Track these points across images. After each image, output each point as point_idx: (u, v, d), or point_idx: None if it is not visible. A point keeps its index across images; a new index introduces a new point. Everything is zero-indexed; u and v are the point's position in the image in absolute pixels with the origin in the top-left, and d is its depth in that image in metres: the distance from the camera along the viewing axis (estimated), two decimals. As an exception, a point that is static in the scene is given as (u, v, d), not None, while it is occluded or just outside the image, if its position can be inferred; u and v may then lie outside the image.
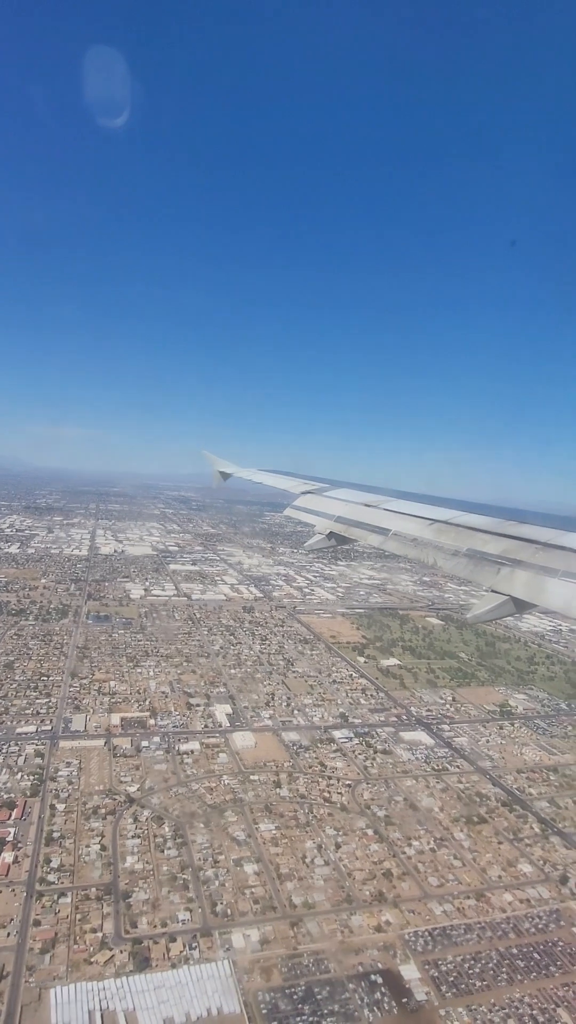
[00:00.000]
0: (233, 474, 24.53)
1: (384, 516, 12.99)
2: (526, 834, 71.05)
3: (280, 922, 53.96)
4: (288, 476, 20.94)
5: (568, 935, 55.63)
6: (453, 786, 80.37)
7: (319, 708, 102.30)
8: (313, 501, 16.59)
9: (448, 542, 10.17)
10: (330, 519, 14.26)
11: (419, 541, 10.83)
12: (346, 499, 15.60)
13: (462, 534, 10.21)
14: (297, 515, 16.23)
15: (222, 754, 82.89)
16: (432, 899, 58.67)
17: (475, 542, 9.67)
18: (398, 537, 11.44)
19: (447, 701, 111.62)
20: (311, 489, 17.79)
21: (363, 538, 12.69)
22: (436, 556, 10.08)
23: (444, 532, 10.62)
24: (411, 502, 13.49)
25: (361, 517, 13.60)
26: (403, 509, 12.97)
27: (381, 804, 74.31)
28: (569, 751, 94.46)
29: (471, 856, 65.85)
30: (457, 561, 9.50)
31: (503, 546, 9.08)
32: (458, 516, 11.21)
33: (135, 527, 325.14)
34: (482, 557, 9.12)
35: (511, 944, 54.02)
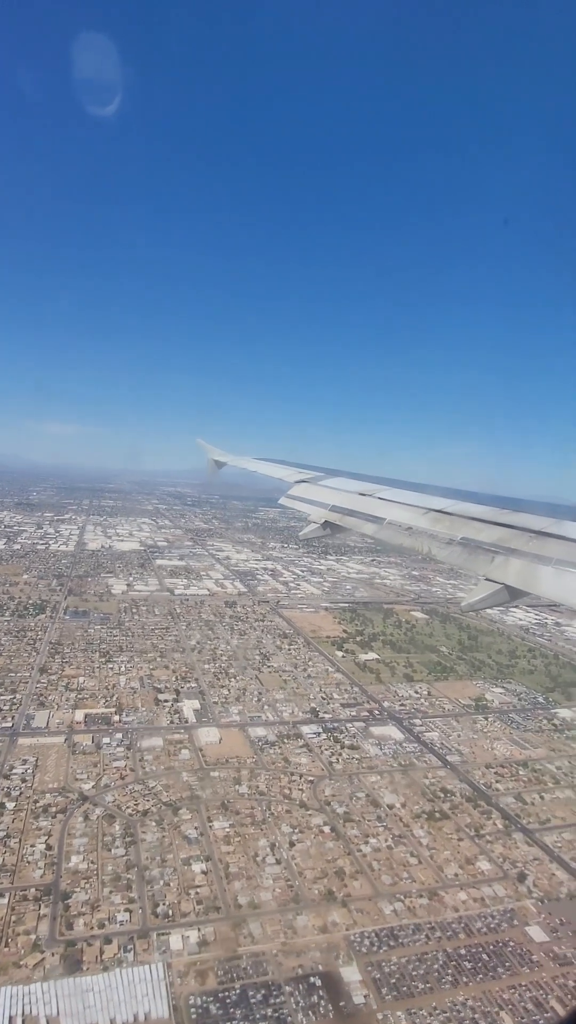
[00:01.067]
0: (228, 463, 24.28)
1: (379, 505, 12.86)
2: (488, 831, 69.55)
3: (222, 923, 52.48)
4: (283, 465, 20.65)
5: (520, 935, 54.13)
6: (418, 781, 78.85)
7: (290, 703, 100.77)
8: (308, 490, 16.47)
9: (442, 531, 10.09)
10: (325, 508, 14.19)
11: (414, 530, 10.72)
12: (341, 488, 15.49)
13: (456, 523, 10.15)
14: (292, 504, 16.08)
15: (184, 750, 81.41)
16: (383, 898, 57.18)
17: (469, 531, 9.61)
18: (392, 526, 11.33)
19: (422, 695, 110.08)
20: (306, 478, 17.62)
21: (358, 527, 12.63)
22: (430, 545, 9.98)
23: (438, 521, 10.54)
24: (406, 491, 13.34)
25: (356, 506, 13.52)
26: (398, 498, 12.85)
27: (342, 801, 72.81)
28: (542, 745, 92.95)
29: (428, 854, 64.36)
30: (451, 550, 9.47)
31: (497, 535, 9.03)
32: (452, 505, 11.11)
33: (126, 523, 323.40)
34: (476, 546, 9.08)
35: (460, 945, 52.53)
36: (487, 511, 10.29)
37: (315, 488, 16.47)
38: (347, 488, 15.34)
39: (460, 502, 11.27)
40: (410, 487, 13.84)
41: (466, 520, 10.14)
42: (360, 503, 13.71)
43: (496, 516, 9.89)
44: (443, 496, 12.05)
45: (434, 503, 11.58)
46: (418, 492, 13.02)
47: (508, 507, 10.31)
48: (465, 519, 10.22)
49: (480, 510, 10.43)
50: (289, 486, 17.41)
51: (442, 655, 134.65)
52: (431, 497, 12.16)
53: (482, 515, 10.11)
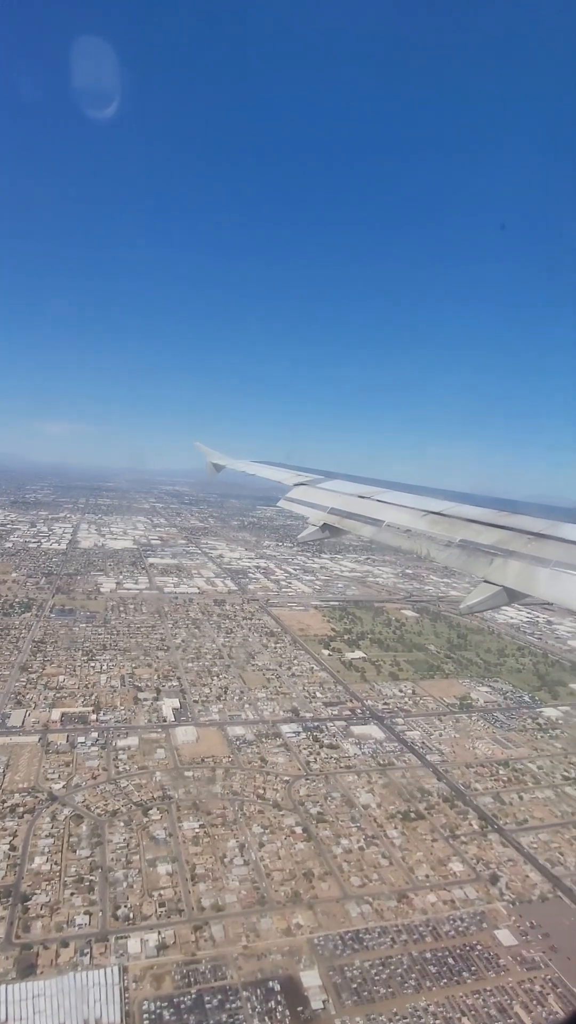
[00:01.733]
0: (226, 466, 24.27)
1: (377, 507, 12.85)
2: (464, 831, 68.49)
3: (184, 926, 51.51)
4: (281, 467, 20.66)
5: (488, 939, 53.08)
6: (396, 781, 77.82)
7: (272, 702, 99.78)
8: (306, 492, 16.47)
9: (441, 533, 10.09)
10: (323, 510, 14.20)
11: (412, 532, 10.74)
12: (340, 490, 15.51)
13: (455, 525, 10.14)
14: (290, 507, 16.08)
15: (160, 749, 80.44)
16: (351, 900, 56.17)
17: (468, 533, 9.60)
18: (391, 528, 11.32)
19: (406, 694, 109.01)
20: (304, 480, 17.62)
21: (356, 529, 12.58)
22: (429, 547, 9.98)
23: (437, 523, 10.53)
24: (405, 493, 13.36)
25: (354, 508, 13.53)
26: (396, 500, 12.84)
27: (316, 801, 71.80)
28: (524, 745, 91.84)
29: (401, 855, 63.33)
30: (450, 552, 9.45)
31: (496, 537, 9.01)
32: (451, 507, 11.12)
33: (121, 521, 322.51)
34: (475, 548, 9.07)
35: (426, 948, 51.50)
36: (485, 513, 10.28)
37: (313, 491, 16.43)
38: (345, 491, 15.35)
39: (458, 504, 11.27)
40: (408, 489, 13.82)
41: (464, 522, 10.13)
42: (359, 505, 13.70)
43: (494, 518, 9.84)
44: (441, 498, 12.08)
45: (432, 505, 11.57)
46: (416, 494, 13.02)
47: (506, 509, 10.31)
48: (463, 521, 10.21)
49: (478, 512, 10.43)
50: (288, 488, 17.45)
51: (430, 654, 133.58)
52: (429, 499, 12.17)
53: (480, 517, 10.11)
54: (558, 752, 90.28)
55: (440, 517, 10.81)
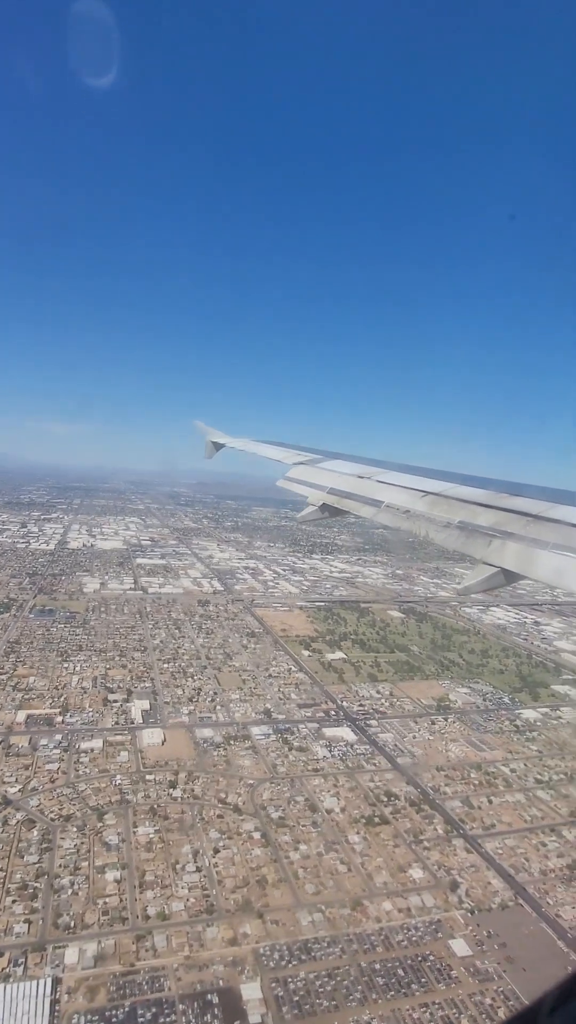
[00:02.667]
0: (226, 444, 23.86)
1: (377, 488, 12.74)
2: (428, 836, 66.80)
3: (126, 935, 49.92)
4: (281, 447, 20.11)
5: (442, 949, 51.38)
6: (363, 785, 76.14)
7: (245, 703, 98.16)
8: (306, 472, 16.09)
9: (440, 514, 9.98)
10: (323, 491, 13.96)
11: (411, 513, 10.60)
12: (339, 471, 15.23)
13: (454, 506, 10.05)
14: (289, 487, 15.74)
15: (124, 752, 78.83)
16: (303, 908, 54.53)
17: (467, 514, 9.53)
18: (391, 509, 11.24)
19: (384, 696, 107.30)
20: (304, 460, 17.31)
21: (356, 510, 12.42)
22: (428, 528, 9.87)
23: (436, 504, 10.47)
24: (404, 474, 13.15)
25: (354, 489, 13.31)
26: (396, 481, 12.71)
27: (279, 805, 70.15)
28: (499, 747, 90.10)
29: (360, 861, 61.66)
30: (448, 533, 9.36)
31: (494, 518, 8.95)
32: (451, 488, 11.00)
33: (114, 522, 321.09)
34: (473, 529, 9.00)
35: (376, 959, 49.83)
36: (485, 495, 10.10)
37: (313, 470, 16.10)
38: (346, 471, 15.05)
39: (458, 485, 11.10)
40: (409, 470, 13.62)
41: (463, 503, 10.00)
42: (359, 486, 13.45)
43: (493, 500, 9.71)
44: (441, 479, 11.89)
45: (432, 486, 11.44)
46: (417, 475, 12.81)
47: (506, 491, 10.12)
48: (462, 502, 10.06)
49: (478, 493, 10.27)
50: (287, 468, 17.07)
51: (412, 654, 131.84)
52: (429, 480, 12.02)
53: (480, 499, 9.95)
54: (533, 755, 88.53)
55: (439, 498, 10.69)
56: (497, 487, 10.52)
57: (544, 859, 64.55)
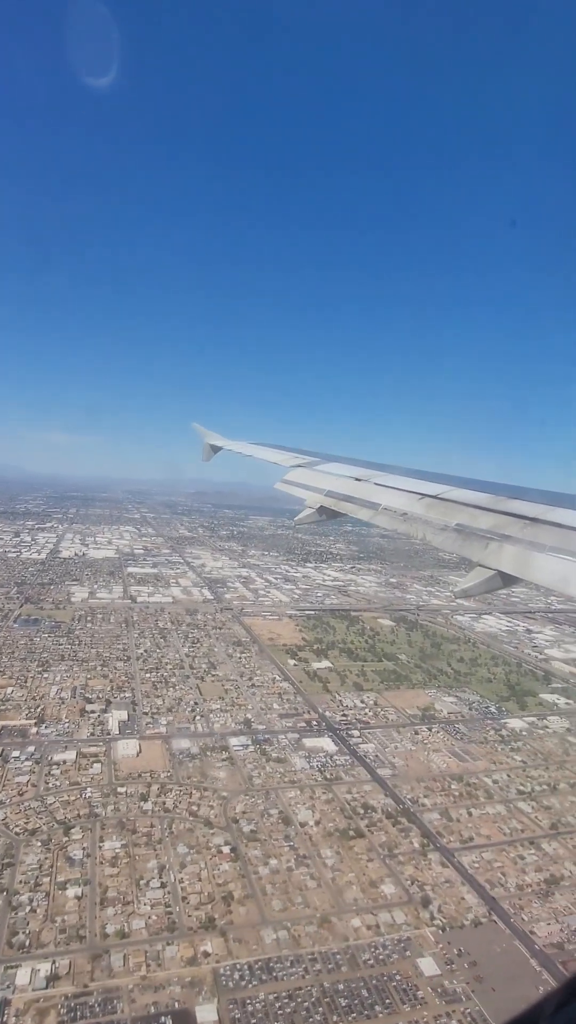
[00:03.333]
0: (223, 447, 23.89)
1: (374, 490, 12.73)
2: (403, 850, 65.12)
3: (82, 954, 48.31)
4: (279, 449, 20.12)
5: (409, 968, 49.70)
6: (340, 797, 74.52)
7: (225, 714, 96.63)
8: (304, 475, 16.14)
9: (437, 517, 9.98)
10: (320, 493, 13.95)
11: (409, 516, 10.60)
12: (337, 473, 15.24)
13: (451, 509, 10.07)
14: (287, 489, 15.69)
15: (97, 764, 77.32)
16: (268, 926, 52.89)
17: (464, 517, 9.53)
18: (388, 512, 11.22)
19: (368, 705, 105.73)
20: (302, 463, 17.33)
21: (353, 512, 12.40)
22: (425, 531, 9.88)
23: (433, 507, 10.49)
24: (402, 476, 13.23)
25: (352, 491, 13.36)
26: (394, 483, 12.75)
27: (252, 818, 68.55)
28: (482, 757, 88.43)
29: (331, 876, 60.01)
30: (446, 536, 9.37)
31: (492, 521, 8.99)
32: (448, 491, 11.00)
33: (108, 531, 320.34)
34: (471, 532, 9.01)
35: (340, 979, 48.14)
36: (482, 498, 10.13)
37: (311, 473, 16.11)
38: (343, 473, 15.07)
39: (455, 488, 11.10)
40: (406, 473, 13.65)
41: (460, 506, 10.03)
42: (356, 488, 13.52)
43: (491, 503, 9.73)
44: (439, 482, 11.88)
45: (429, 489, 11.43)
46: (414, 478, 12.82)
47: (503, 494, 10.12)
48: (460, 505, 10.08)
49: (475, 496, 10.31)
50: (285, 471, 16.97)
51: (399, 663, 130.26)
52: (427, 483, 12.01)
53: (477, 501, 9.99)
54: (517, 765, 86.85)
55: (436, 501, 10.68)
56: (495, 490, 10.54)
57: (521, 873, 62.86)
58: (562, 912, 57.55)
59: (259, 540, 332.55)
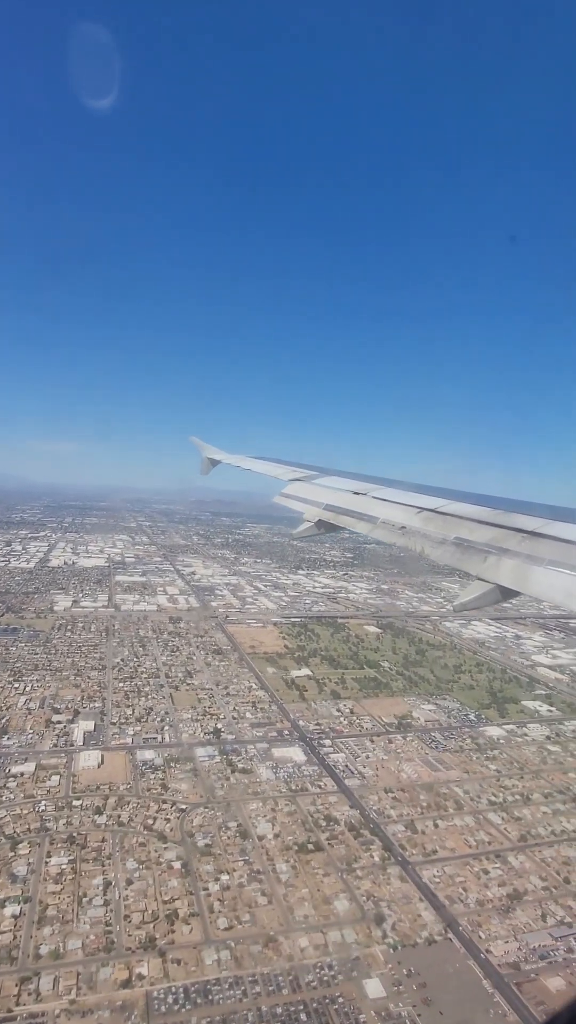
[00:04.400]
0: (222, 460, 24.18)
1: (373, 504, 12.76)
2: (362, 864, 62.89)
3: (11, 977, 46.31)
4: (277, 463, 20.24)
5: (354, 990, 47.46)
6: (304, 808, 72.33)
7: (195, 723, 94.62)
8: (302, 488, 16.20)
9: (435, 530, 10.01)
10: (319, 507, 13.96)
11: (407, 529, 10.62)
12: (335, 487, 15.30)
13: (449, 522, 10.09)
14: (285, 503, 15.72)
15: (55, 776, 75.41)
16: (210, 945, 50.77)
17: (462, 530, 9.55)
18: (386, 525, 11.21)
19: (344, 713, 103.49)
20: (300, 476, 17.39)
21: (352, 526, 12.42)
22: (423, 544, 9.87)
23: (431, 520, 10.50)
24: (400, 490, 13.20)
25: (350, 505, 13.40)
26: (392, 497, 12.72)
27: (208, 832, 66.47)
28: (456, 767, 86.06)
29: (284, 892, 57.84)
30: (444, 549, 9.37)
31: (490, 535, 8.98)
32: (446, 505, 11.00)
33: (102, 540, 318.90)
34: (469, 545, 9.03)
35: (280, 1002, 45.97)
36: (480, 511, 10.12)
37: (309, 487, 16.17)
38: (341, 487, 15.10)
39: (453, 502, 11.09)
40: (404, 486, 13.61)
41: (458, 520, 10.03)
42: (354, 502, 13.51)
43: (489, 516, 9.72)
44: (437, 496, 11.87)
45: (427, 502, 11.44)
46: (412, 492, 12.82)
47: (501, 507, 10.11)
48: (458, 519, 10.09)
49: (473, 510, 10.29)
50: (283, 485, 17.01)
51: (381, 671, 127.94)
52: (425, 496, 12.03)
53: (475, 515, 9.98)
54: (491, 775, 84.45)
55: (434, 514, 10.66)
56: (493, 504, 10.43)
57: (483, 888, 60.53)
58: (522, 929, 55.20)
59: (253, 548, 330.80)
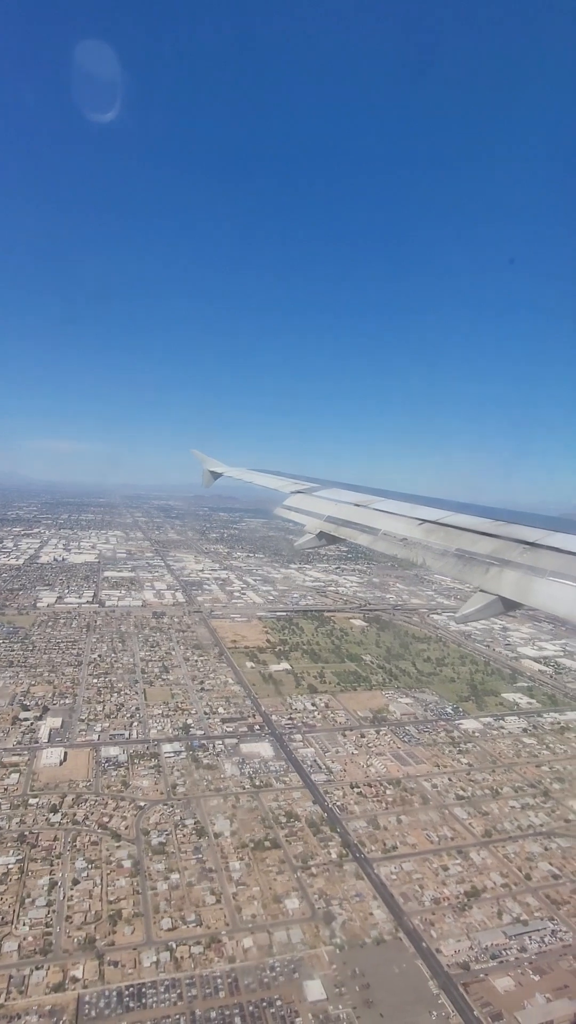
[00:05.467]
0: (223, 473, 24.45)
1: (374, 516, 12.77)
2: (319, 861, 61.47)
3: None
4: (278, 476, 20.48)
5: (293, 992, 46.07)
6: (265, 805, 70.98)
7: (166, 719, 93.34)
8: (303, 501, 16.25)
9: (437, 542, 10.03)
10: (320, 519, 14.04)
11: (408, 541, 10.64)
12: (336, 499, 15.30)
13: (451, 534, 10.10)
14: (287, 515, 15.84)
15: (15, 774, 74.24)
16: (151, 947, 49.47)
17: (464, 542, 9.55)
18: (388, 537, 11.23)
19: (318, 708, 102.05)
20: (301, 489, 17.47)
21: (353, 538, 12.44)
22: (425, 556, 9.91)
23: (433, 532, 10.49)
24: (401, 502, 13.11)
25: (351, 517, 13.39)
26: (393, 509, 12.68)
27: (165, 829, 65.18)
28: (426, 761, 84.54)
29: (234, 891, 56.49)
30: (446, 561, 9.39)
31: (491, 546, 8.96)
32: (447, 516, 10.96)
33: (95, 536, 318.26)
34: (471, 557, 9.05)
35: (215, 1005, 44.62)
36: (481, 522, 10.01)
37: (310, 499, 16.24)
38: (342, 499, 15.14)
39: (454, 513, 11.04)
40: (405, 498, 13.56)
41: (459, 531, 9.98)
42: (355, 514, 13.53)
43: (490, 527, 9.62)
44: (438, 507, 11.81)
45: (428, 514, 11.38)
46: (412, 503, 12.74)
47: (502, 518, 10.03)
48: (459, 530, 10.04)
49: (474, 521, 10.20)
50: (284, 497, 17.18)
51: (362, 664, 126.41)
52: (426, 508, 11.95)
53: (476, 526, 9.87)
54: (461, 768, 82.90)
55: (435, 526, 10.65)
56: (494, 515, 10.34)
57: (441, 885, 59.05)
58: (476, 927, 53.72)
59: (248, 542, 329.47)
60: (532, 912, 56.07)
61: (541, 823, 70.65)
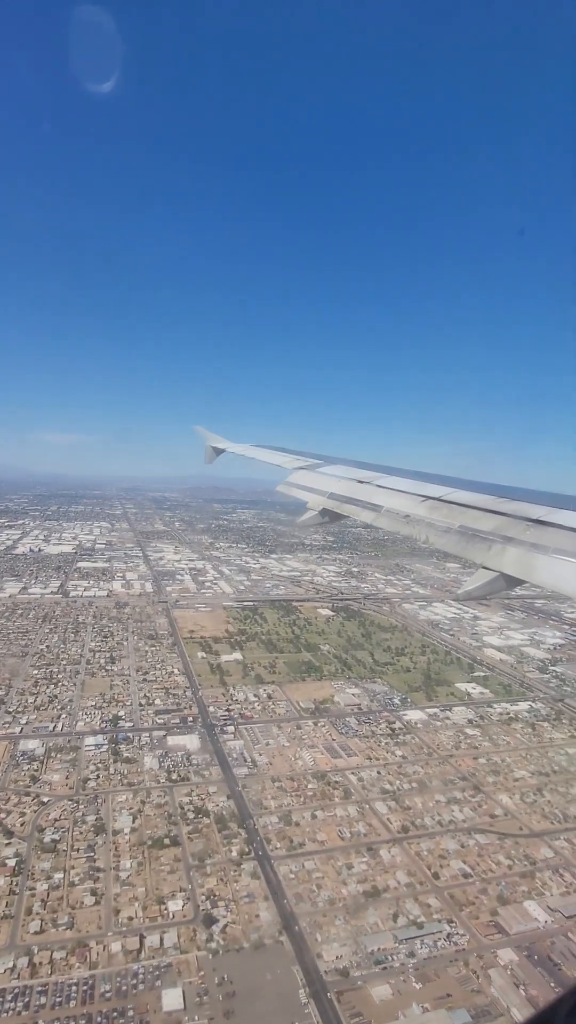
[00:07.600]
0: (226, 449, 24.07)
1: (377, 492, 12.66)
2: (217, 860, 58.41)
3: None
4: (281, 452, 20.05)
5: (151, 1001, 43.05)
6: (176, 800, 67.98)
7: (97, 711, 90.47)
8: (306, 477, 15.94)
9: (440, 519, 9.97)
10: (323, 495, 13.86)
11: (411, 518, 10.59)
12: (339, 475, 15.14)
13: (454, 511, 10.04)
14: (289, 491, 15.46)
15: None
16: (11, 952, 46.57)
17: (466, 519, 9.46)
18: (390, 514, 11.18)
19: (260, 699, 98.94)
20: (304, 465, 17.19)
21: (356, 515, 12.33)
22: (428, 532, 9.80)
23: (436, 509, 10.44)
24: (404, 478, 13.09)
25: (354, 493, 13.31)
26: (396, 486, 12.63)
27: (62, 826, 62.30)
28: (360, 753, 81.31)
29: (117, 891, 53.54)
30: (448, 538, 9.28)
31: (494, 523, 8.87)
32: (450, 493, 10.94)
33: (79, 527, 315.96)
34: (473, 534, 8.93)
35: (62, 1015, 41.67)
36: (484, 499, 9.96)
37: (313, 475, 15.98)
38: (345, 475, 14.90)
39: (458, 490, 10.96)
40: (408, 475, 13.39)
41: (463, 508, 9.91)
42: (358, 490, 13.34)
43: (493, 504, 9.57)
44: (441, 484, 11.72)
45: (432, 491, 11.30)
46: (415, 480, 12.67)
47: (505, 495, 9.98)
48: (462, 507, 9.95)
49: (477, 498, 10.15)
50: (288, 474, 16.80)
51: (318, 654, 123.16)
52: (429, 485, 11.88)
53: (479, 503, 9.83)
54: (393, 761, 79.58)
55: (438, 503, 10.57)
56: (497, 491, 10.30)
57: (341, 885, 55.85)
58: (365, 931, 50.54)
59: (233, 533, 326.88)
60: (431, 914, 52.81)
61: (464, 819, 67.32)
